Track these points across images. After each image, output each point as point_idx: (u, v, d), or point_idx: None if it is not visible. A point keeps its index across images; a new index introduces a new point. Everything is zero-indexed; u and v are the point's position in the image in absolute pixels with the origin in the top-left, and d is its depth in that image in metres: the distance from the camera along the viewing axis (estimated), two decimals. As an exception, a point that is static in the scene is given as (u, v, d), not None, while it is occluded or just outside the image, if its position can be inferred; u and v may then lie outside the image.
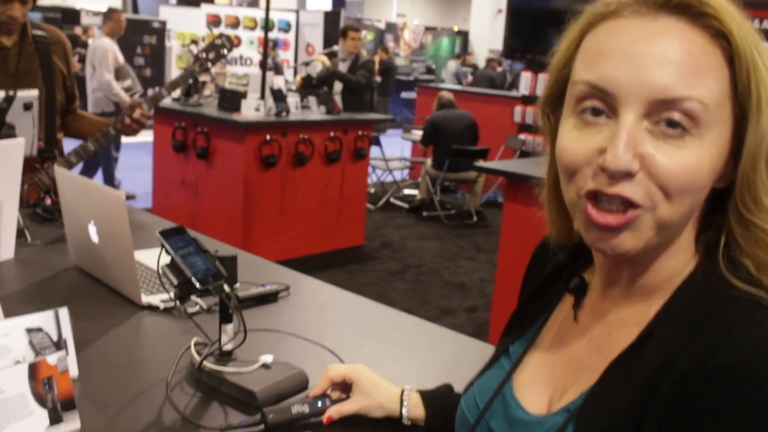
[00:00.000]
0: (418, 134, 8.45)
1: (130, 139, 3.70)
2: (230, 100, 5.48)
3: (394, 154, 8.86)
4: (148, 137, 5.76)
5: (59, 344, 1.18)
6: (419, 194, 7.84)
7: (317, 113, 5.88)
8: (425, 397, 1.16)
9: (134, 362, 1.36)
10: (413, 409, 1.14)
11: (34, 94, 2.32)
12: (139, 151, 7.62)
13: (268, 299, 1.69)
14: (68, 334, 1.20)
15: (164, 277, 1.21)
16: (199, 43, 12.41)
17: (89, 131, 2.56)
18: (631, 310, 0.82)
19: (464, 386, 1.01)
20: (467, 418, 0.96)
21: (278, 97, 5.46)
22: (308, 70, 7.55)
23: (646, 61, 0.71)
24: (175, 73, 12.82)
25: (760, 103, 0.72)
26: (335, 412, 1.13)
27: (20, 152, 1.85)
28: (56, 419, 1.03)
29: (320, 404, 1.14)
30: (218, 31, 11.57)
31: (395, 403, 1.14)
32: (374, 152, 7.17)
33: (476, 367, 1.01)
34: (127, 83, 7.07)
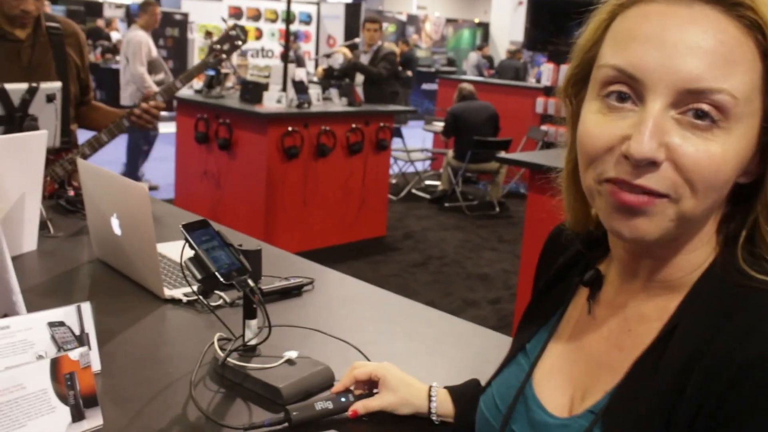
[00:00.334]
0: (439, 125, 8.42)
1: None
2: (252, 91, 5.48)
3: (415, 145, 8.84)
4: (171, 128, 5.77)
5: (81, 339, 1.17)
6: (441, 185, 7.81)
7: (339, 105, 5.87)
8: (453, 393, 1.15)
9: (157, 357, 1.34)
10: (442, 405, 1.13)
11: (56, 86, 2.31)
12: (162, 142, 7.65)
13: (292, 293, 1.67)
14: (90, 328, 1.19)
15: (187, 270, 1.19)
16: (213, 35, 12.44)
17: (104, 122, 2.56)
18: (650, 304, 0.80)
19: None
20: (488, 419, 0.94)
21: (300, 88, 5.45)
22: (330, 61, 7.54)
23: (677, 48, 0.69)
24: (197, 65, 12.84)
25: None
26: (361, 407, 1.12)
27: (43, 144, 1.84)
28: (78, 416, 1.01)
29: (344, 400, 1.12)
30: (233, 22, 11.57)
31: (423, 399, 1.13)
32: (396, 144, 7.15)
33: (502, 361, 0.98)
34: (160, 76, 7.09)
